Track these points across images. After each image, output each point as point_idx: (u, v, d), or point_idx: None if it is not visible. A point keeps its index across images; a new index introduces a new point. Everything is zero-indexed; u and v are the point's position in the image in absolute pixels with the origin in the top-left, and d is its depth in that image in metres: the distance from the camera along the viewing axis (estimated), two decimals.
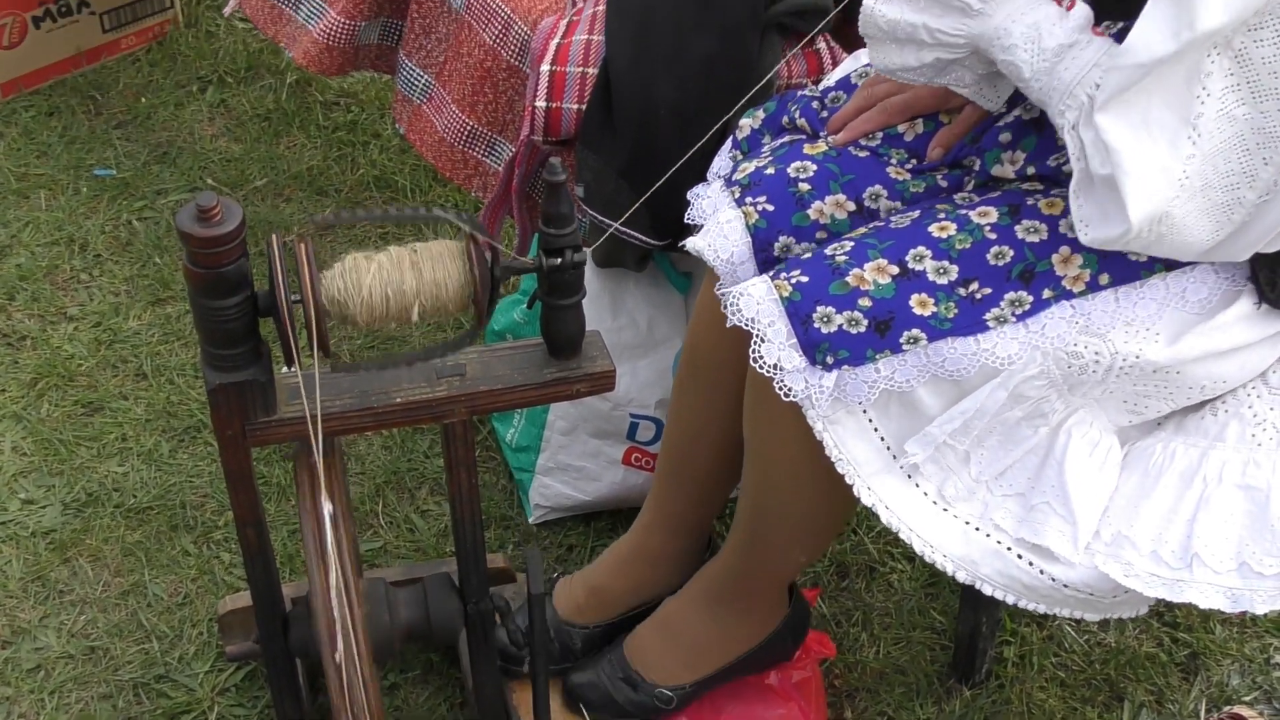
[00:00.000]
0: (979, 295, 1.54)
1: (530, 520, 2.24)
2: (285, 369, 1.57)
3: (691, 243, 1.71)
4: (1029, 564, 1.57)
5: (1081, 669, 2.09)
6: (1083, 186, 1.48)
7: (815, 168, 1.70)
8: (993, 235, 1.57)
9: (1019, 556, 1.57)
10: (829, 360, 1.53)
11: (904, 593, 2.17)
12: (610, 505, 2.23)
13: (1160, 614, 2.15)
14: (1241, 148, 1.41)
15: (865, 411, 1.57)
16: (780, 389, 1.55)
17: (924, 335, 1.53)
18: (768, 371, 1.55)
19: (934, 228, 1.58)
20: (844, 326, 1.53)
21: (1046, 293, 1.54)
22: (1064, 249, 1.55)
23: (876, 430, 1.58)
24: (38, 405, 2.39)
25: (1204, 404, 1.62)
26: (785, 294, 1.55)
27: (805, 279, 1.56)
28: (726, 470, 1.91)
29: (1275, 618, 2.14)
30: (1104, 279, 1.54)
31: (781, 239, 1.68)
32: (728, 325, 1.57)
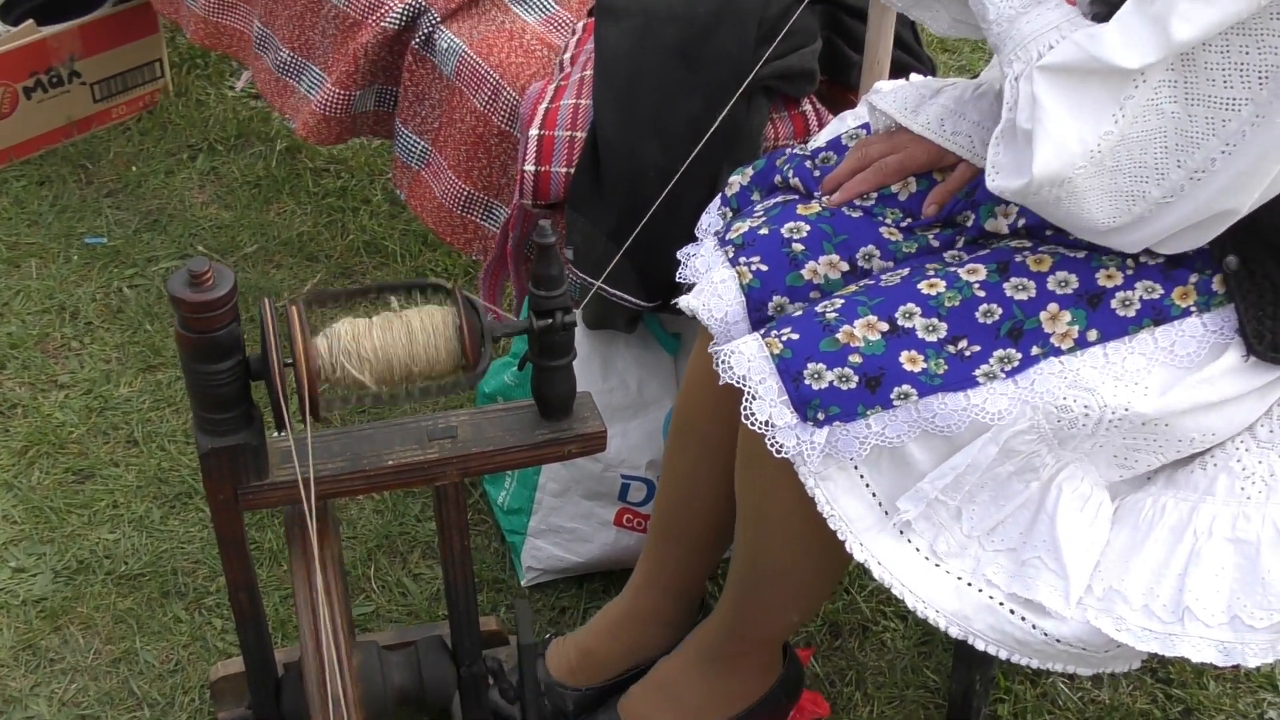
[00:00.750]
0: (968, 352, 1.55)
1: (522, 582, 2.23)
2: (277, 433, 1.57)
3: (685, 301, 1.71)
4: (1021, 619, 1.57)
5: None
6: (1005, 135, 1.50)
7: (809, 228, 1.72)
8: (981, 293, 1.58)
9: (1011, 611, 1.57)
10: (820, 417, 1.54)
11: (897, 651, 2.17)
12: (602, 567, 2.23)
13: (1154, 670, 2.14)
14: (1160, 143, 1.44)
15: (857, 468, 1.58)
16: (772, 446, 1.55)
17: (914, 391, 1.54)
18: (759, 428, 1.56)
19: (923, 285, 1.59)
20: (835, 383, 1.54)
21: (1035, 349, 1.55)
22: (1052, 306, 1.56)
23: (868, 486, 1.58)
24: (28, 473, 2.39)
25: (1193, 458, 1.63)
26: (776, 351, 1.56)
27: (796, 336, 1.57)
28: (719, 531, 1.92)
29: (1268, 672, 2.14)
30: (1092, 335, 1.55)
31: (775, 299, 1.69)
32: (720, 384, 1.58)
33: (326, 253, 2.84)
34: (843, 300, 1.60)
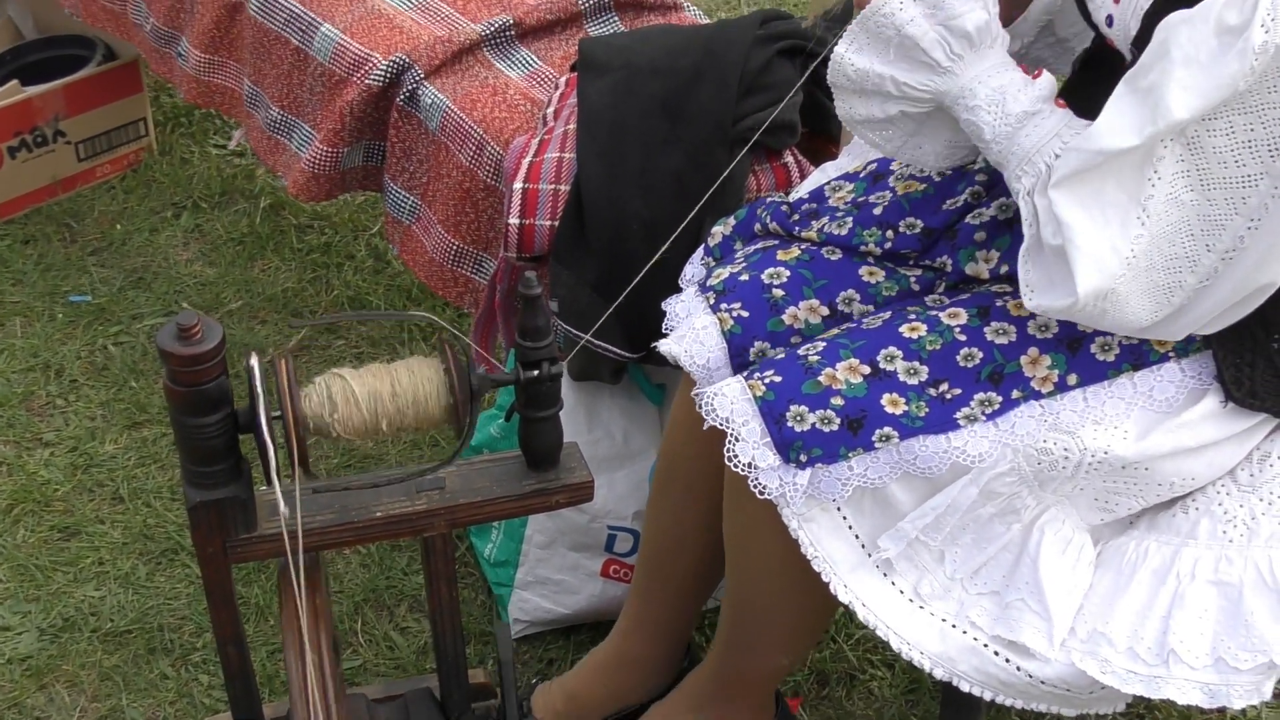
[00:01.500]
0: (949, 395, 1.57)
1: (510, 635, 2.23)
2: (264, 486, 1.58)
3: (665, 346, 1.73)
4: (1006, 660, 1.58)
5: None
6: (1033, 252, 1.51)
7: (789, 273, 1.73)
8: (962, 337, 1.59)
9: (996, 653, 1.58)
10: (803, 458, 1.55)
11: (884, 700, 2.17)
12: (589, 618, 2.23)
13: (1140, 714, 2.15)
14: (1187, 232, 1.45)
15: (839, 509, 1.59)
16: (755, 487, 1.57)
17: (896, 433, 1.55)
18: (742, 470, 1.57)
19: (905, 328, 1.61)
20: (817, 425, 1.55)
21: (1015, 393, 1.57)
22: (1032, 350, 1.58)
23: (851, 528, 1.59)
24: (13, 531, 2.39)
25: (1175, 502, 1.64)
26: (759, 393, 1.57)
27: (779, 379, 1.58)
28: (704, 576, 1.92)
29: (1253, 715, 2.15)
30: (1072, 379, 1.57)
31: (757, 344, 1.70)
32: (704, 428, 1.59)
33: (311, 308, 2.85)
34: (825, 343, 1.62)
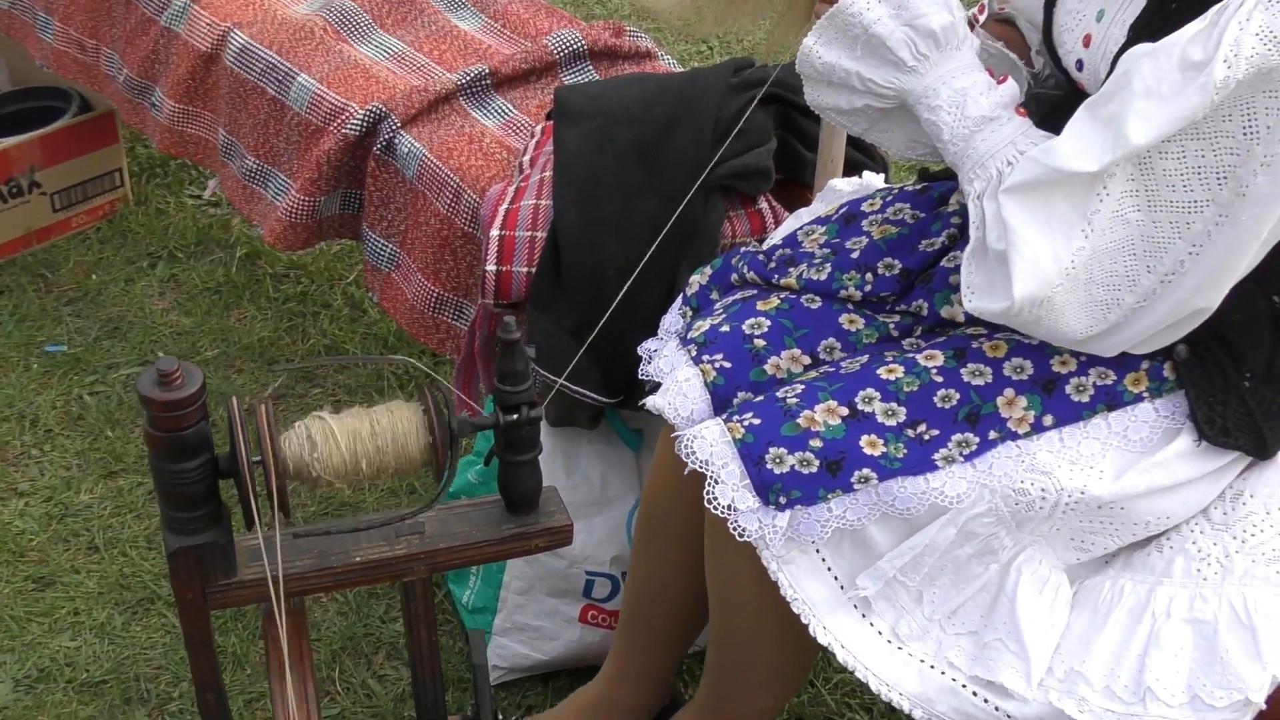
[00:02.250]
0: (927, 436, 1.58)
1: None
2: (244, 531, 1.58)
3: (651, 401, 1.74)
4: (984, 700, 1.58)
5: None
6: (976, 255, 1.54)
7: (769, 323, 1.75)
8: (939, 378, 1.61)
9: (974, 694, 1.59)
10: (782, 500, 1.56)
11: None
12: (568, 664, 2.23)
13: None
14: (1129, 251, 1.47)
15: (818, 550, 1.60)
16: (734, 530, 1.57)
17: (874, 475, 1.56)
18: (722, 512, 1.57)
19: (882, 371, 1.62)
20: (796, 467, 1.56)
21: (992, 434, 1.58)
22: (1008, 391, 1.59)
23: (830, 569, 1.60)
24: None
25: (1149, 541, 1.65)
26: (738, 436, 1.58)
27: (757, 421, 1.59)
28: (688, 622, 1.93)
29: None
30: (1048, 420, 1.58)
31: (740, 395, 1.71)
32: (685, 472, 1.60)
33: (288, 356, 2.85)
34: (803, 386, 1.63)
